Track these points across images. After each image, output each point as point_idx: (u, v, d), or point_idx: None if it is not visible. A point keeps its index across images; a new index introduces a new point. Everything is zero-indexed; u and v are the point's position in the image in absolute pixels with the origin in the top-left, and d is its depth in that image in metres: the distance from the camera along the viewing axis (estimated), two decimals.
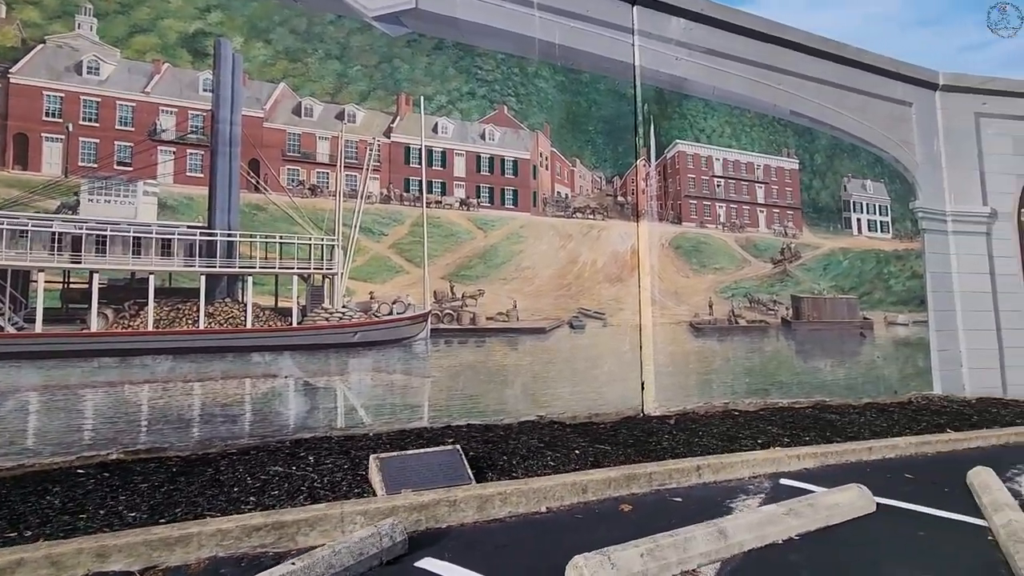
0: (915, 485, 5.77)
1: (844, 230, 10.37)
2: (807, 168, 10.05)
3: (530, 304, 7.49)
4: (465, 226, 7.22)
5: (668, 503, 5.08)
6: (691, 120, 8.92)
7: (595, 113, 8.20)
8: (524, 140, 7.65)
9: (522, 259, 7.52)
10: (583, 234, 7.99)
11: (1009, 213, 12.03)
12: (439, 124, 7.11)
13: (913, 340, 10.82)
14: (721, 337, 8.73)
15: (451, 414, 6.84)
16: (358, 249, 6.57)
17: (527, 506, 4.76)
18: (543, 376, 7.46)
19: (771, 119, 9.73)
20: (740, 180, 9.27)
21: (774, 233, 9.53)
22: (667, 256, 8.49)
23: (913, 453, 7.03)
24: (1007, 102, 12.23)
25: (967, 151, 11.89)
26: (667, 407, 8.13)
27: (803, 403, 9.18)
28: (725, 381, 8.66)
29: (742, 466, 5.84)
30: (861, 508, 4.82)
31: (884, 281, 10.69)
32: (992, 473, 5.58)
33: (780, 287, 9.44)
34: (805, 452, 6.31)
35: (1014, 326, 11.66)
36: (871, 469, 6.31)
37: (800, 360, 9.40)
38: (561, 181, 7.87)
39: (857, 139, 10.71)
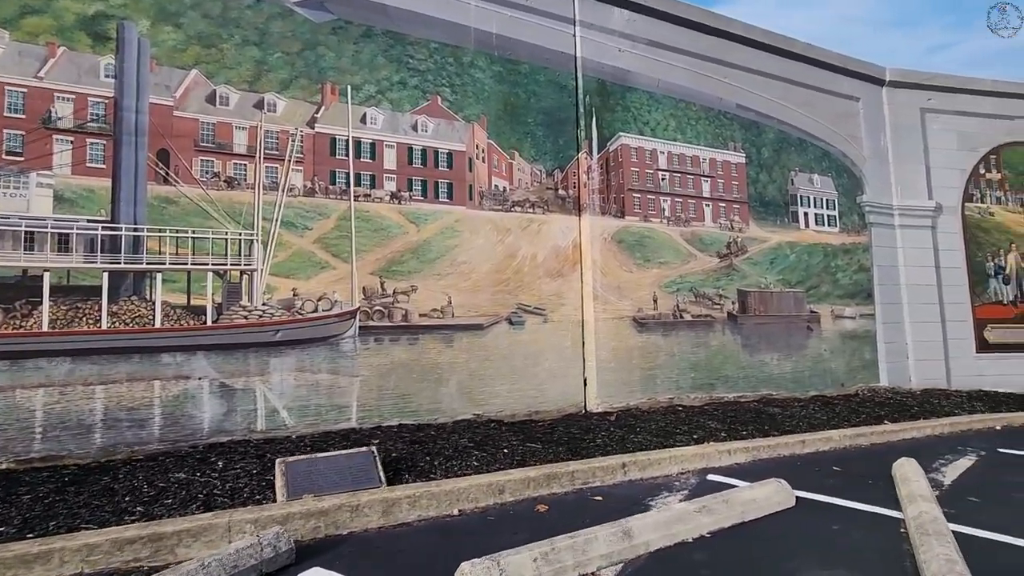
0: (841, 478, 5.75)
1: (791, 224, 10.42)
2: (754, 162, 10.05)
3: (466, 300, 7.31)
4: (396, 220, 7.00)
5: (588, 502, 4.95)
6: (635, 113, 8.83)
7: (535, 105, 8.04)
8: (459, 132, 7.45)
9: (458, 254, 7.33)
10: (522, 228, 7.83)
11: (954, 207, 12.24)
12: (368, 114, 6.88)
13: (860, 333, 10.93)
14: (666, 332, 8.67)
15: (382, 414, 6.63)
16: (280, 244, 6.31)
17: (438, 509, 4.58)
18: (480, 374, 7.29)
19: (717, 113, 9.69)
20: (685, 174, 9.22)
21: (720, 227, 9.51)
22: (610, 250, 8.39)
23: (847, 446, 7.04)
24: (951, 98, 12.45)
25: (913, 146, 12.06)
26: (610, 403, 8.03)
27: (749, 397, 9.18)
28: (670, 376, 8.60)
29: (670, 462, 5.75)
30: (779, 503, 4.76)
31: (831, 275, 10.78)
32: (914, 464, 5.59)
33: (726, 281, 9.43)
34: (737, 447, 6.26)
35: (958, 318, 11.89)
36: (802, 463, 6.28)
37: (746, 354, 9.40)
38: (499, 174, 7.70)
39: (805, 133, 10.76)
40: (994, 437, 7.88)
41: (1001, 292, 12.27)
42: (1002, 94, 12.66)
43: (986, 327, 12.04)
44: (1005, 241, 12.44)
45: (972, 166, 12.45)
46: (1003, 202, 12.61)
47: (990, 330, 12.06)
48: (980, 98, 12.56)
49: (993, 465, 6.42)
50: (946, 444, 7.33)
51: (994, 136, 12.67)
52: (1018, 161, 12.80)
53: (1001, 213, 12.56)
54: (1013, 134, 12.80)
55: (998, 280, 12.28)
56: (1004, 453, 6.97)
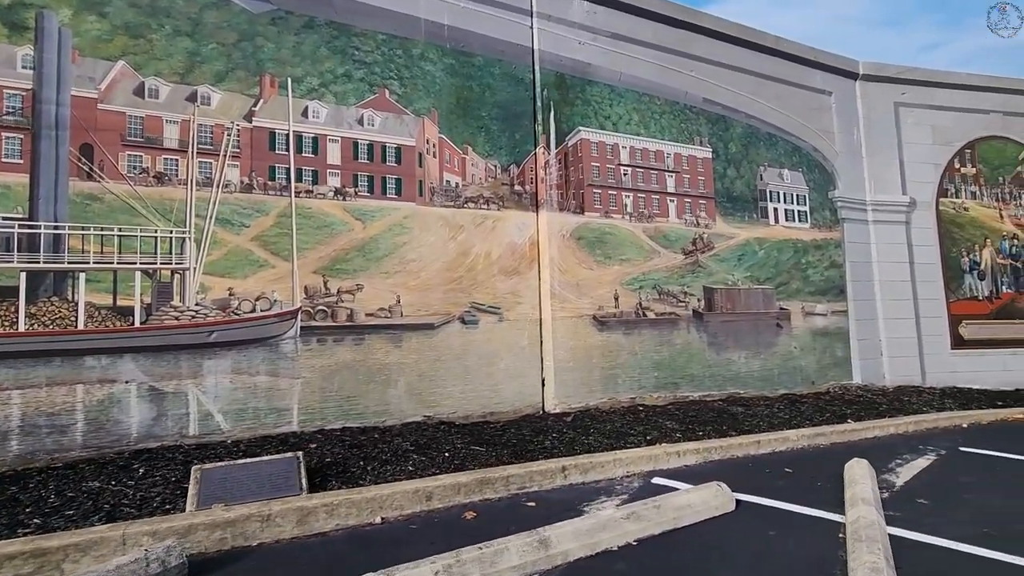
0: (790, 480, 5.58)
1: (760, 220, 10.25)
2: (721, 157, 9.88)
3: (416, 299, 7.10)
4: (341, 217, 6.78)
5: (521, 509, 4.76)
6: (596, 107, 8.64)
7: (489, 98, 7.84)
8: (409, 126, 7.24)
9: (407, 251, 7.12)
10: (476, 225, 7.63)
11: (928, 202, 12.11)
12: (310, 108, 6.66)
13: (832, 330, 10.78)
14: (628, 330, 8.48)
15: (325, 417, 6.42)
16: (214, 242, 6.09)
17: (358, 517, 4.38)
18: (431, 375, 7.09)
19: (683, 107, 9.51)
20: (649, 168, 9.03)
21: (685, 223, 9.33)
22: (568, 247, 8.20)
23: (806, 445, 6.88)
24: (926, 92, 12.31)
25: (887, 140, 11.92)
26: (568, 404, 7.85)
27: (715, 396, 9.01)
28: (632, 376, 8.42)
29: (614, 465, 5.57)
30: (717, 507, 4.58)
31: (802, 271, 10.62)
32: (864, 466, 5.42)
33: (692, 278, 9.25)
34: (688, 448, 6.08)
35: (933, 314, 11.75)
36: (754, 464, 6.11)
37: (713, 352, 9.23)
38: (451, 169, 7.49)
39: (774, 128, 10.60)
40: (959, 435, 7.74)
41: (976, 288, 12.15)
42: (977, 88, 12.54)
43: (961, 323, 11.92)
44: (980, 236, 12.32)
45: (947, 161, 12.32)
46: (978, 197, 12.49)
47: (965, 326, 11.93)
48: (954, 92, 12.43)
49: (951, 465, 6.27)
50: (908, 443, 7.17)
51: (969, 130, 12.54)
52: (993, 156, 12.68)
53: (976, 208, 12.44)
54: (988, 128, 12.68)
55: (973, 276, 12.16)
56: (965, 452, 6.82)
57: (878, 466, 6.00)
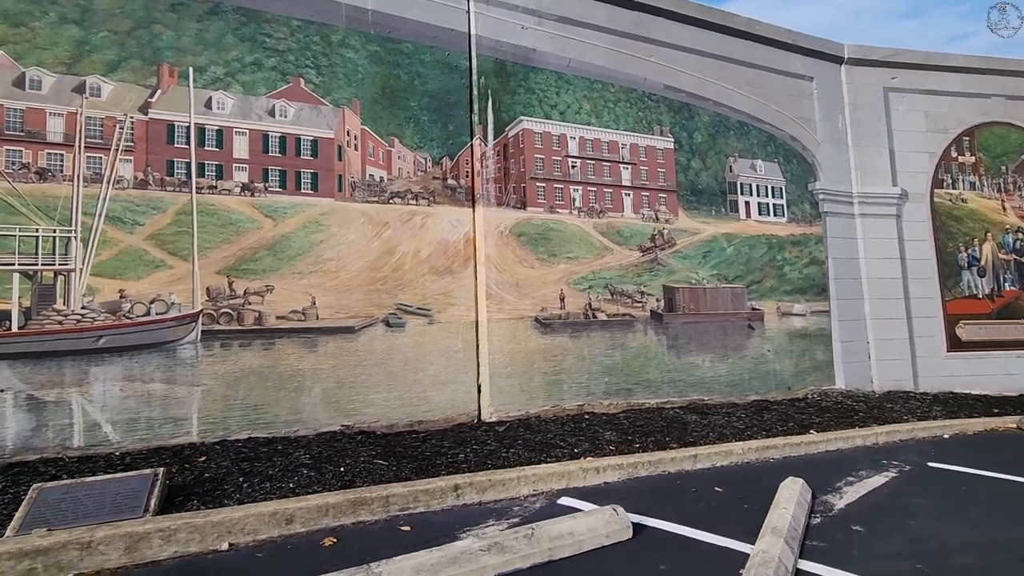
0: (715, 501, 4.99)
1: (730, 214, 9.59)
2: (684, 147, 9.26)
3: (334, 301, 6.68)
4: (249, 214, 6.39)
5: (394, 534, 4.28)
6: (541, 95, 8.12)
7: (419, 87, 7.38)
8: (327, 117, 6.83)
9: (323, 250, 6.70)
10: (403, 221, 7.18)
11: (922, 194, 11.29)
12: (214, 99, 6.28)
13: (812, 331, 10.07)
14: (575, 333, 7.94)
15: (229, 427, 6.03)
16: (104, 241, 5.74)
17: (202, 544, 3.95)
18: (350, 381, 6.66)
19: (640, 94, 8.92)
20: (601, 160, 8.47)
21: (643, 218, 8.74)
22: (507, 245, 7.69)
23: (753, 460, 6.26)
24: (918, 76, 11.49)
25: (875, 129, 11.14)
26: (505, 411, 7.34)
27: (675, 403, 8.41)
28: (579, 381, 7.87)
29: (519, 483, 5.05)
30: (608, 536, 4.03)
31: (778, 268, 9.93)
32: (799, 486, 4.81)
33: (650, 277, 8.65)
34: (611, 464, 5.53)
35: (927, 314, 10.94)
36: (684, 481, 5.53)
37: (673, 356, 8.62)
38: (375, 163, 7.05)
39: (747, 116, 9.93)
40: (935, 448, 7.02)
41: (976, 285, 11.28)
42: (975, 70, 11.67)
43: (958, 324, 11.07)
44: (980, 230, 11.45)
45: (942, 149, 11.47)
46: (977, 188, 11.61)
47: (963, 327, 11.08)
48: (950, 75, 11.58)
49: (910, 483, 5.60)
50: (872, 457, 6.50)
51: (967, 116, 11.67)
52: (994, 143, 11.78)
53: (975, 199, 11.56)
54: (989, 114, 11.79)
55: (972, 272, 11.29)
56: (933, 468, 6.13)
57: (824, 485, 5.38)
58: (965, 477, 5.81)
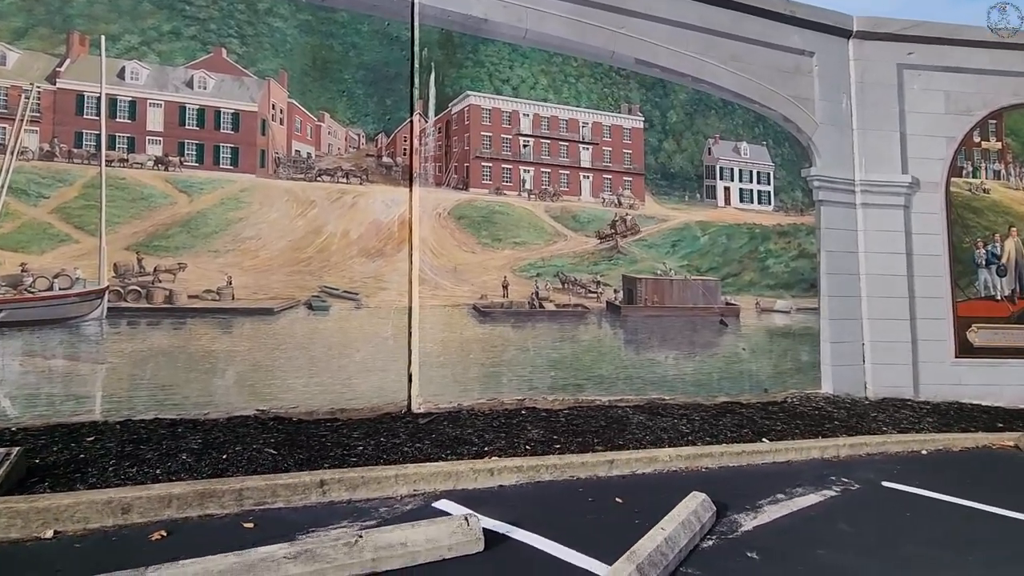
0: (604, 515, 4.50)
1: (706, 200, 8.87)
2: (657, 127, 8.58)
3: (253, 281, 6.44)
4: (162, 188, 6.19)
5: (234, 530, 3.99)
6: (491, 68, 7.61)
7: (354, 59, 7.00)
8: (250, 89, 6.54)
9: (243, 228, 6.45)
10: (332, 200, 6.86)
11: (936, 183, 10.21)
12: (128, 68, 6.08)
13: (796, 330, 9.28)
14: (518, 323, 7.48)
15: (134, 407, 5.90)
16: (7, 214, 5.64)
17: (24, 530, 3.76)
18: (267, 365, 6.43)
19: (607, 69, 8.28)
20: (558, 139, 7.91)
21: (603, 203, 8.14)
22: (446, 227, 7.27)
23: (681, 468, 5.70)
24: (939, 51, 10.35)
25: (886, 110, 10.12)
26: (435, 403, 6.99)
27: (630, 401, 7.86)
28: (521, 375, 7.43)
29: (396, 482, 4.69)
30: (452, 548, 3.63)
31: (759, 261, 9.16)
32: (695, 502, 4.27)
33: (608, 266, 8.08)
34: (509, 465, 5.10)
35: (934, 315, 9.94)
36: (586, 489, 5.05)
37: (631, 351, 8.06)
38: (303, 138, 6.74)
39: (732, 94, 9.13)
40: (903, 464, 6.28)
41: (994, 285, 10.17)
42: (1007, 45, 10.42)
43: (970, 327, 10.02)
44: (1003, 224, 10.30)
45: (964, 133, 10.34)
46: (1003, 176, 10.43)
47: (975, 330, 10.03)
48: (977, 51, 10.39)
49: (848, 505, 4.95)
50: (820, 472, 5.83)
51: (995, 97, 10.46)
52: None
53: (999, 190, 10.39)
54: (1020, 94, 10.53)
55: (991, 271, 10.18)
56: (886, 488, 5.44)
57: (743, 502, 4.82)
58: (919, 502, 5.11)
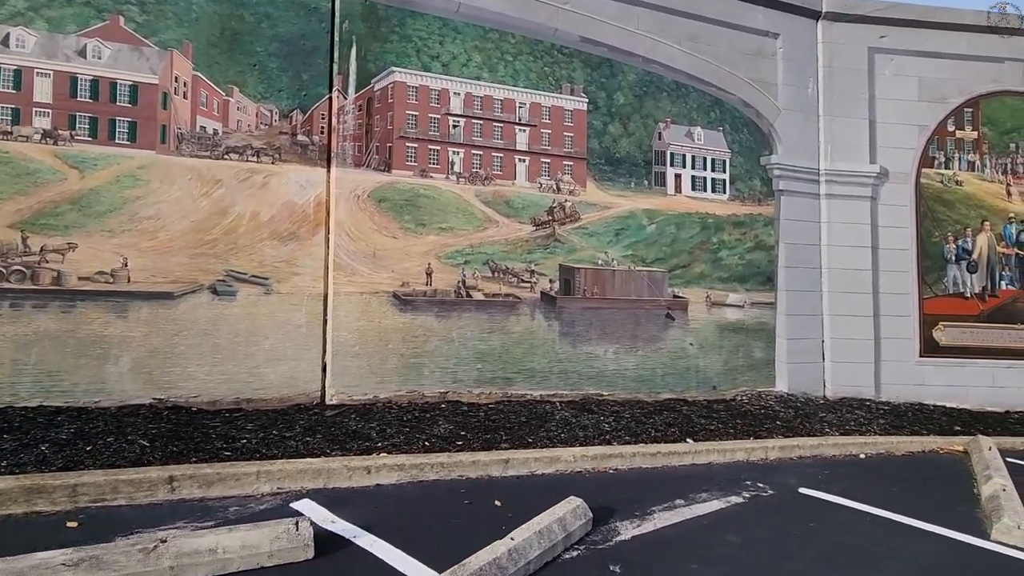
0: (473, 519, 4.16)
1: (655, 187, 8.45)
2: (602, 109, 8.14)
3: (151, 263, 6.11)
4: (51, 164, 5.86)
5: (56, 529, 3.69)
6: (419, 43, 7.20)
7: (267, 30, 6.61)
8: (151, 60, 6.18)
9: (140, 207, 6.12)
10: (240, 180, 6.51)
11: (906, 174, 9.73)
12: (12, 35, 5.73)
13: (750, 325, 8.87)
14: (443, 312, 7.13)
15: (17, 393, 5.61)
16: None
17: None
18: (166, 352, 6.12)
19: (549, 46, 7.85)
20: (491, 120, 7.51)
21: (540, 188, 7.75)
22: (365, 211, 6.91)
23: (586, 469, 5.35)
24: (914, 34, 9.82)
25: (854, 95, 9.62)
26: (350, 394, 6.67)
27: (564, 396, 7.51)
28: (445, 366, 7.09)
29: (259, 479, 4.38)
30: (272, 555, 3.30)
31: (712, 252, 8.74)
32: (567, 507, 3.93)
33: (544, 254, 7.70)
34: (389, 463, 4.78)
35: (899, 313, 9.50)
36: (470, 490, 4.71)
37: (566, 344, 7.69)
38: (208, 113, 6.38)
39: (686, 75, 8.66)
40: (832, 469, 5.90)
41: (964, 282, 9.71)
42: (988, 29, 9.87)
43: (937, 325, 9.58)
44: (975, 218, 9.81)
45: (938, 122, 9.82)
46: (978, 168, 9.93)
47: (942, 329, 9.58)
48: (955, 34, 9.85)
49: (750, 513, 4.59)
50: (737, 475, 5.46)
51: (972, 84, 9.93)
52: (1005, 116, 10.02)
53: (973, 182, 9.89)
54: (1000, 81, 10.00)
55: (961, 267, 9.71)
56: (802, 495, 5.07)
57: (633, 507, 4.47)
58: (831, 511, 4.74)
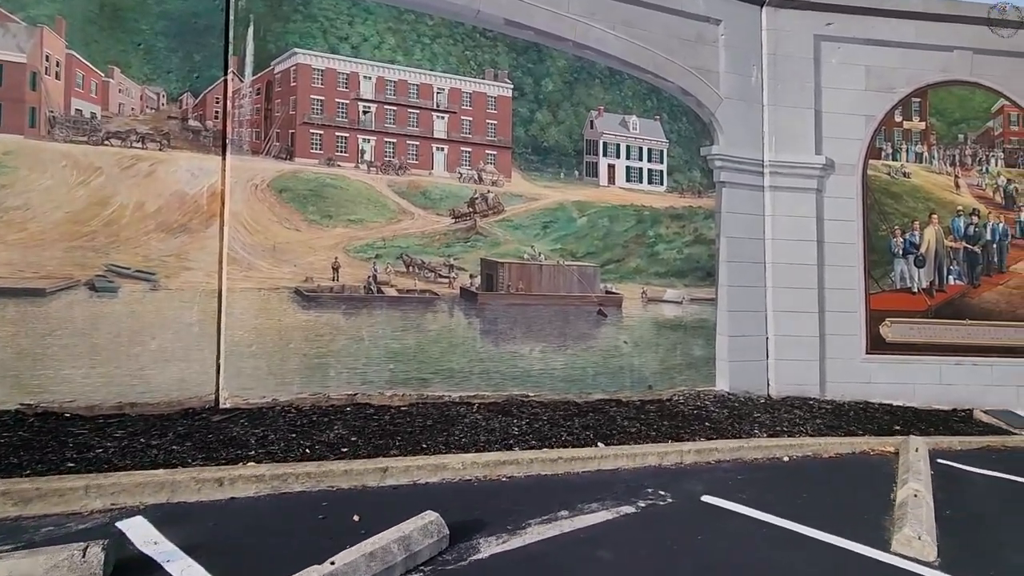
0: (321, 538, 3.76)
1: (586, 178, 8.09)
2: (529, 96, 7.77)
3: (20, 257, 5.65)
4: None
5: None
6: (326, 24, 6.78)
7: (154, 7, 6.16)
8: (18, 38, 5.71)
9: (6, 197, 5.65)
10: (123, 168, 6.05)
11: (852, 165, 9.45)
12: None
13: (689, 322, 8.55)
14: (351, 309, 6.72)
15: None
16: None
17: None
18: (37, 353, 5.66)
19: (470, 29, 7.46)
20: (406, 106, 7.11)
21: (460, 178, 7.36)
22: (264, 201, 6.48)
23: (477, 477, 4.96)
24: (861, 22, 9.54)
25: (800, 85, 9.32)
26: (245, 397, 6.25)
27: (487, 397, 7.13)
28: (353, 367, 6.69)
29: (87, 494, 3.94)
30: None
31: (648, 246, 8.40)
32: (416, 524, 3.55)
33: (464, 248, 7.31)
34: (251, 473, 4.36)
35: (845, 308, 9.23)
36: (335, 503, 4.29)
37: (488, 343, 7.31)
38: (85, 96, 5.92)
39: (619, 62, 8.31)
40: (747, 473, 5.57)
41: (911, 277, 9.46)
42: (936, 16, 9.62)
43: (883, 321, 9.32)
44: (923, 211, 9.56)
45: (885, 112, 9.56)
46: (926, 159, 9.67)
47: (889, 325, 9.33)
48: (904, 22, 9.59)
49: (635, 525, 4.23)
50: (639, 482, 5.11)
51: (921, 73, 9.68)
52: (953, 107, 9.77)
53: (921, 174, 9.64)
54: (949, 70, 9.75)
55: (908, 261, 9.46)
56: (701, 503, 4.72)
57: (510, 521, 4.10)
58: (727, 521, 4.40)
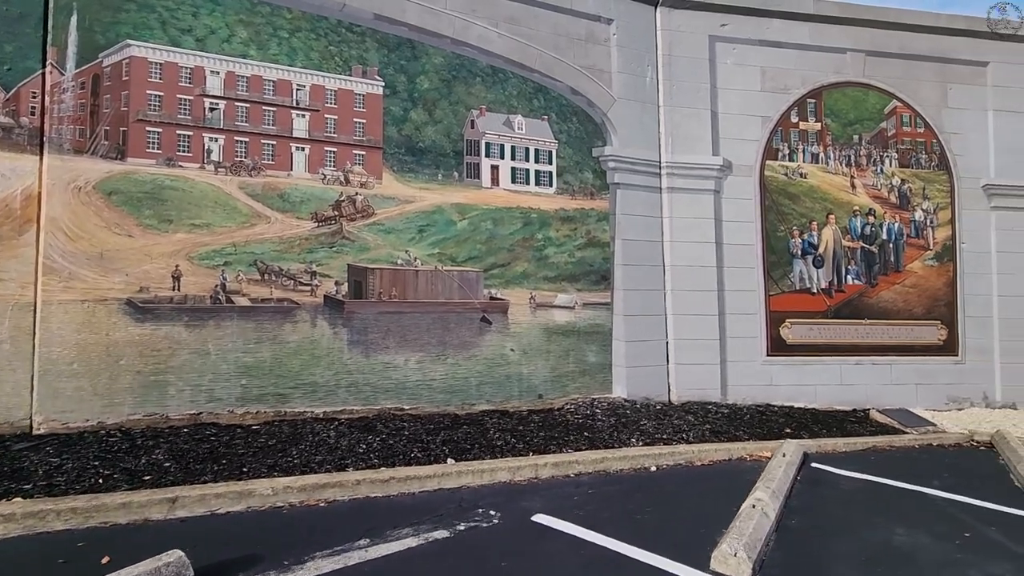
0: None
1: (467, 180, 7.76)
2: (402, 94, 7.41)
3: None
4: None
5: None
6: (166, 15, 6.30)
7: None
8: None
9: None
10: None
11: (750, 166, 9.39)
12: None
13: (582, 328, 8.27)
14: (195, 321, 6.20)
15: None
16: None
17: None
18: None
19: (335, 23, 7.07)
20: (261, 103, 6.66)
21: (324, 180, 6.93)
22: (89, 205, 5.93)
23: (292, 503, 4.49)
24: (756, 23, 9.53)
25: (696, 85, 9.23)
26: (65, 421, 5.65)
27: (356, 412, 6.67)
28: (199, 384, 6.15)
29: None
30: None
31: (537, 250, 8.11)
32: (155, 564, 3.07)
33: (328, 254, 6.87)
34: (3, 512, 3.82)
35: (745, 310, 9.11)
36: (95, 541, 3.75)
37: (358, 354, 6.87)
38: None
39: (503, 60, 8.04)
40: (599, 487, 5.25)
41: (811, 277, 9.42)
42: (830, 19, 9.69)
43: (784, 322, 9.24)
44: (820, 211, 9.55)
45: (781, 113, 9.55)
46: (822, 160, 9.69)
47: (789, 326, 9.25)
48: (798, 24, 9.62)
49: (437, 554, 3.84)
50: (475, 501, 4.72)
51: (815, 74, 9.72)
52: (847, 108, 9.84)
53: (817, 174, 9.65)
54: (843, 72, 9.82)
55: (807, 262, 9.42)
56: (530, 524, 4.35)
57: (288, 555, 3.66)
58: (548, 542, 4.04)
